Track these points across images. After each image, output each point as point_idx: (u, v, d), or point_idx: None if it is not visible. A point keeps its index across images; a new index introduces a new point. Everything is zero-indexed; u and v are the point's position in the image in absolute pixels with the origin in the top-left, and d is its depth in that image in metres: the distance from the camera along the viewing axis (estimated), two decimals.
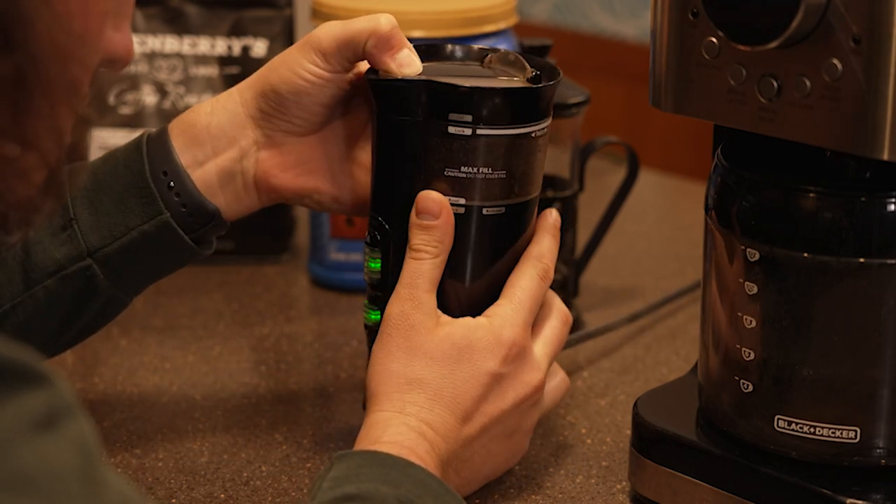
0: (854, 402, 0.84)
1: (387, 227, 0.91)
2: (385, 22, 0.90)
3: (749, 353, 0.86)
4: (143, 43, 1.33)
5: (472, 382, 0.87)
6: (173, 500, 0.93)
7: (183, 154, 0.93)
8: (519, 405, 0.89)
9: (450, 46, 0.96)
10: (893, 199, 0.82)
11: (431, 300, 0.89)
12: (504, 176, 0.89)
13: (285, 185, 0.95)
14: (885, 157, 0.77)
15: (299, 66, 0.92)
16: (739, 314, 0.86)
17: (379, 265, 0.91)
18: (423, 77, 0.89)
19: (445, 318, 0.89)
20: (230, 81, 1.32)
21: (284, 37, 1.34)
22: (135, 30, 1.33)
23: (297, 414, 1.05)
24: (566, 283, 1.18)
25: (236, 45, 1.34)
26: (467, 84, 0.88)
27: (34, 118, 0.62)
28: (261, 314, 1.22)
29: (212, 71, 1.33)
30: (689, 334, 1.19)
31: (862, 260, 0.82)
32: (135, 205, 0.92)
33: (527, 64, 0.93)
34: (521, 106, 0.89)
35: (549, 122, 0.91)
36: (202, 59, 1.34)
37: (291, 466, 0.98)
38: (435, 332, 0.88)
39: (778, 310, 0.84)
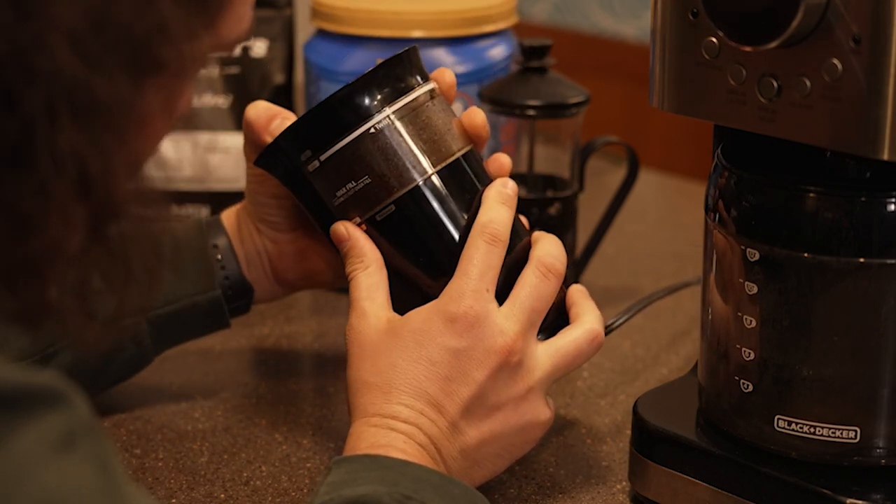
0: (854, 402, 0.84)
1: None
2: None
3: (749, 353, 0.86)
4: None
5: (426, 364, 0.85)
6: (173, 500, 0.93)
7: (231, 233, 1.01)
8: (493, 375, 0.86)
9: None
10: (893, 199, 0.82)
11: (373, 307, 0.89)
12: (368, 181, 0.90)
13: (291, 274, 1.02)
14: (885, 157, 0.77)
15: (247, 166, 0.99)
16: (739, 314, 0.86)
17: None
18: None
19: (394, 315, 0.88)
20: (230, 81, 1.32)
21: (284, 37, 1.34)
22: None
23: (297, 414, 1.05)
24: (566, 282, 1.18)
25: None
26: (284, 130, 0.91)
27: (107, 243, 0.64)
28: (261, 314, 1.22)
29: (212, 71, 1.33)
30: (689, 334, 1.19)
31: (862, 260, 0.82)
32: (193, 276, 1.00)
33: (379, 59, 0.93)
34: (337, 118, 0.90)
35: (398, 104, 0.90)
36: None
37: (291, 466, 0.98)
38: (380, 330, 0.87)
39: (778, 310, 0.84)
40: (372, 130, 0.89)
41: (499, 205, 0.90)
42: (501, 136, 1.21)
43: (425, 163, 0.90)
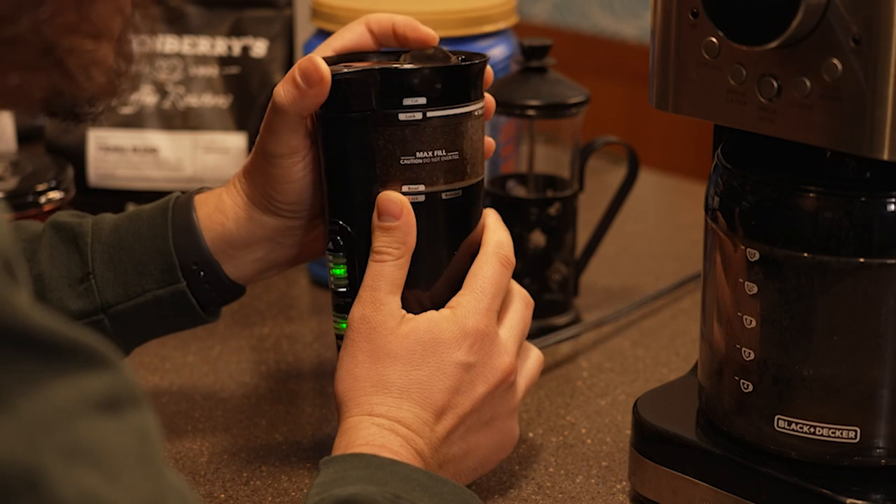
0: (854, 402, 0.84)
1: (349, 230, 0.89)
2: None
3: (749, 353, 0.86)
4: (143, 43, 1.33)
5: (440, 375, 0.86)
6: None
7: (215, 247, 0.94)
8: (492, 391, 0.88)
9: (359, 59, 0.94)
10: (893, 199, 0.82)
11: (393, 301, 0.88)
12: (457, 157, 0.89)
13: (313, 254, 0.98)
14: (885, 157, 0.77)
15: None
16: (739, 314, 0.86)
17: (344, 271, 0.90)
18: (373, 65, 0.89)
19: (409, 315, 0.88)
20: (230, 81, 1.32)
21: (284, 37, 1.34)
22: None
23: (297, 414, 1.05)
24: (566, 283, 1.18)
25: (236, 45, 1.34)
26: (417, 66, 0.88)
27: (98, 5, 0.64)
28: (261, 314, 1.22)
29: (212, 71, 1.33)
30: (689, 334, 1.19)
31: (862, 260, 0.82)
32: (154, 269, 0.94)
33: (449, 53, 0.92)
34: (466, 84, 0.89)
35: (483, 102, 0.92)
36: (202, 59, 1.34)
37: (291, 466, 0.98)
38: (397, 331, 0.87)
39: (778, 310, 0.84)
40: (476, 113, 0.90)
41: (502, 229, 0.93)
42: (501, 137, 1.21)
43: (483, 162, 0.92)
